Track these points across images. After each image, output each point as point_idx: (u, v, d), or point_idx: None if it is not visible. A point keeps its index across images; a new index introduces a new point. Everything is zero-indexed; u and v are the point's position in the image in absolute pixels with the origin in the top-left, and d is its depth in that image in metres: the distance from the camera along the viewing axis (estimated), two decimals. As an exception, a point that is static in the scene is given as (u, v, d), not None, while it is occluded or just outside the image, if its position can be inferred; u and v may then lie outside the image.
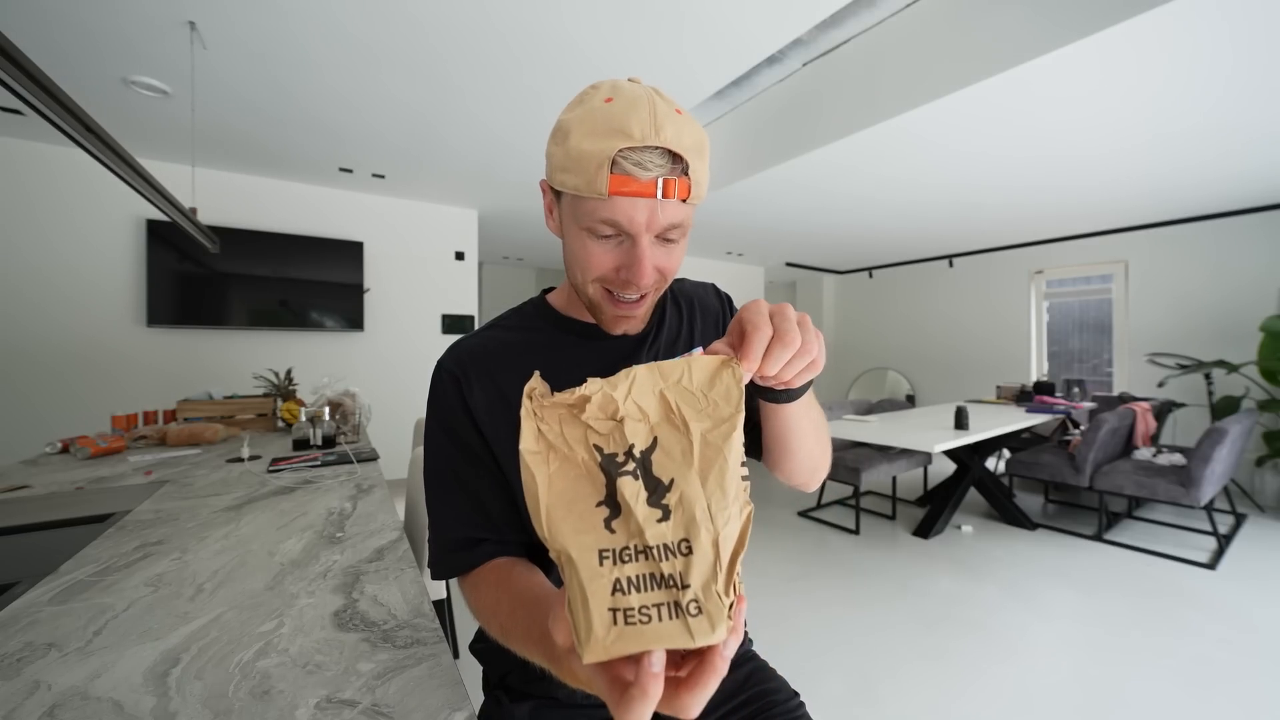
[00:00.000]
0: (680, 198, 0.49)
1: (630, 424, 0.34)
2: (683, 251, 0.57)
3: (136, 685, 0.54)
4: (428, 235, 4.23)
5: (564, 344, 0.63)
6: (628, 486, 0.32)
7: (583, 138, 0.48)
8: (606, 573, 0.30)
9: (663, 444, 0.34)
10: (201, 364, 3.39)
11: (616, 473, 0.33)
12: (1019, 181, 3.52)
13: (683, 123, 0.49)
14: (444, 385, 0.61)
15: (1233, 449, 2.88)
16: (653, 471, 0.33)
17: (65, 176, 3.02)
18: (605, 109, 0.48)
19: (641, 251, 0.51)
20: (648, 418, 0.35)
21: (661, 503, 0.32)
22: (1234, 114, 2.51)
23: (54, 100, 0.86)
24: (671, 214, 0.50)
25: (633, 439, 0.34)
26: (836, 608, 2.26)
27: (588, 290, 0.56)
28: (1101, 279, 5.00)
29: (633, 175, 0.47)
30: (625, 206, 0.48)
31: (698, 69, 2.28)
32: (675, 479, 0.33)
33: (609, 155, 0.47)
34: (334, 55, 2.12)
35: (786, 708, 0.68)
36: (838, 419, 3.48)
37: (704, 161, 0.52)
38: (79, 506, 1.16)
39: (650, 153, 0.47)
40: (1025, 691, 1.70)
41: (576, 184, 0.49)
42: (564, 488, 0.33)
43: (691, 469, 0.33)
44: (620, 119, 0.47)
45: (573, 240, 0.54)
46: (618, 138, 0.47)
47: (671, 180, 0.48)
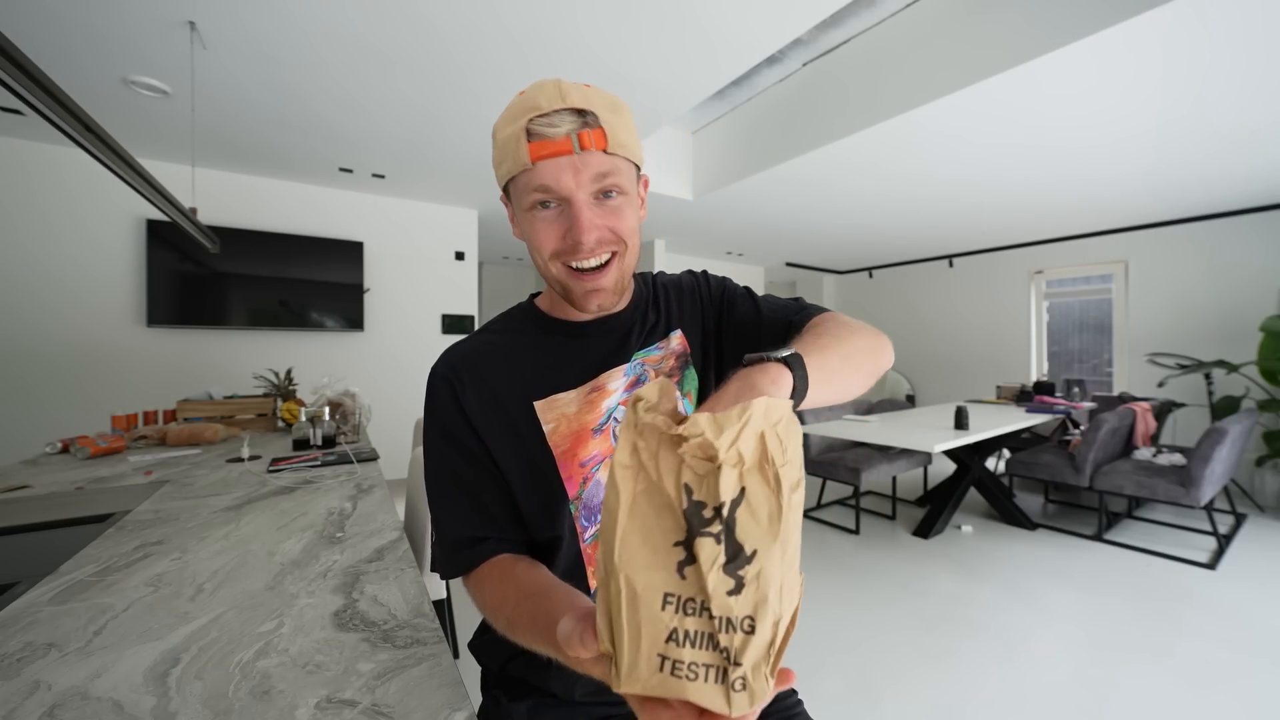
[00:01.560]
0: (598, 147, 0.52)
1: (726, 472, 0.31)
2: (634, 213, 0.58)
3: (136, 685, 0.54)
4: (428, 235, 4.23)
5: (550, 344, 0.64)
6: (706, 549, 0.30)
7: (502, 127, 0.54)
8: (668, 619, 0.30)
9: (750, 499, 0.31)
10: (201, 364, 3.39)
11: (699, 529, 0.30)
12: (1019, 181, 3.52)
13: (592, 91, 0.54)
14: (439, 390, 0.62)
15: (1233, 449, 2.88)
16: (736, 534, 0.30)
17: (65, 176, 3.02)
18: (517, 99, 0.54)
19: (578, 209, 0.53)
20: (743, 462, 0.31)
21: (738, 573, 0.30)
22: (1234, 113, 2.52)
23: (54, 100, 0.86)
24: (596, 164, 0.53)
25: (724, 494, 0.31)
26: (836, 608, 2.26)
27: (552, 272, 0.57)
28: (1101, 279, 5.00)
29: (546, 136, 0.51)
30: (549, 168, 0.52)
31: (698, 69, 2.28)
32: (759, 550, 0.30)
33: (522, 127, 0.51)
34: (334, 55, 2.12)
35: (784, 706, 0.68)
36: (837, 419, 3.48)
37: (621, 118, 0.54)
38: (79, 506, 1.16)
39: (558, 114, 0.51)
40: (1025, 691, 1.70)
41: (509, 167, 0.53)
42: (646, 515, 0.31)
43: (776, 540, 0.31)
44: (528, 99, 0.52)
45: (525, 229, 0.57)
46: (528, 113, 0.51)
47: (585, 132, 0.52)
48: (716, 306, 0.71)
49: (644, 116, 2.71)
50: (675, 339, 0.68)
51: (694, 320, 0.70)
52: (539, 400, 0.61)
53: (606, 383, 0.63)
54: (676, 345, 0.68)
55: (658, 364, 0.66)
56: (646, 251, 5.54)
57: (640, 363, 0.65)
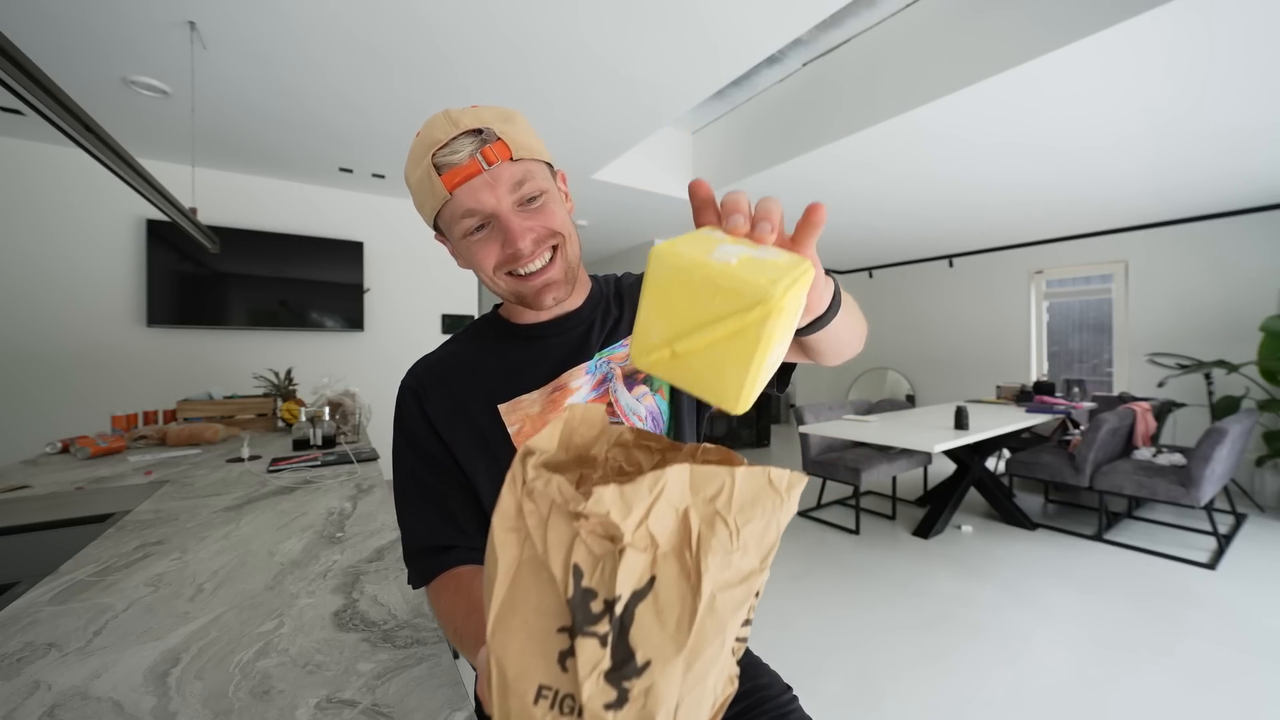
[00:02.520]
0: (504, 158, 0.54)
1: (631, 556, 0.24)
2: (560, 207, 0.60)
3: (136, 685, 0.54)
4: (428, 235, 4.19)
5: (512, 347, 0.66)
6: (586, 651, 0.24)
7: (411, 171, 0.56)
8: (540, 714, 0.24)
9: (659, 594, 0.24)
10: (201, 364, 3.39)
11: (582, 625, 0.24)
12: (1019, 181, 3.52)
13: (481, 110, 0.56)
14: (406, 402, 0.65)
15: (1233, 449, 2.88)
16: (629, 638, 0.24)
17: (65, 176, 3.02)
18: (416, 142, 0.56)
19: (506, 220, 0.55)
20: (655, 546, 0.25)
21: (622, 684, 0.24)
22: (1234, 113, 2.51)
23: (54, 100, 0.86)
24: (508, 175, 0.54)
25: (623, 584, 0.24)
26: (836, 608, 2.26)
27: (501, 286, 0.59)
28: (1101, 279, 4.99)
29: (453, 164, 0.53)
30: (466, 192, 0.54)
31: (698, 69, 2.28)
32: (653, 662, 0.24)
33: (429, 164, 0.53)
34: (334, 55, 2.12)
35: (779, 703, 0.68)
36: (837, 419, 3.48)
37: (515, 125, 0.56)
38: (79, 506, 1.16)
39: (456, 141, 0.53)
40: (1025, 691, 1.70)
41: (431, 204, 0.55)
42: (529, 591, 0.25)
43: (680, 652, 0.24)
44: (425, 137, 0.55)
45: (466, 256, 0.59)
46: (429, 149, 0.54)
47: (487, 148, 0.53)
48: None
49: (644, 116, 2.71)
50: None
51: None
52: (503, 403, 0.62)
53: (569, 381, 0.64)
54: None
55: (623, 360, 0.67)
56: (646, 252, 5.53)
57: (605, 360, 0.66)
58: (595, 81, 2.35)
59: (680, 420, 0.68)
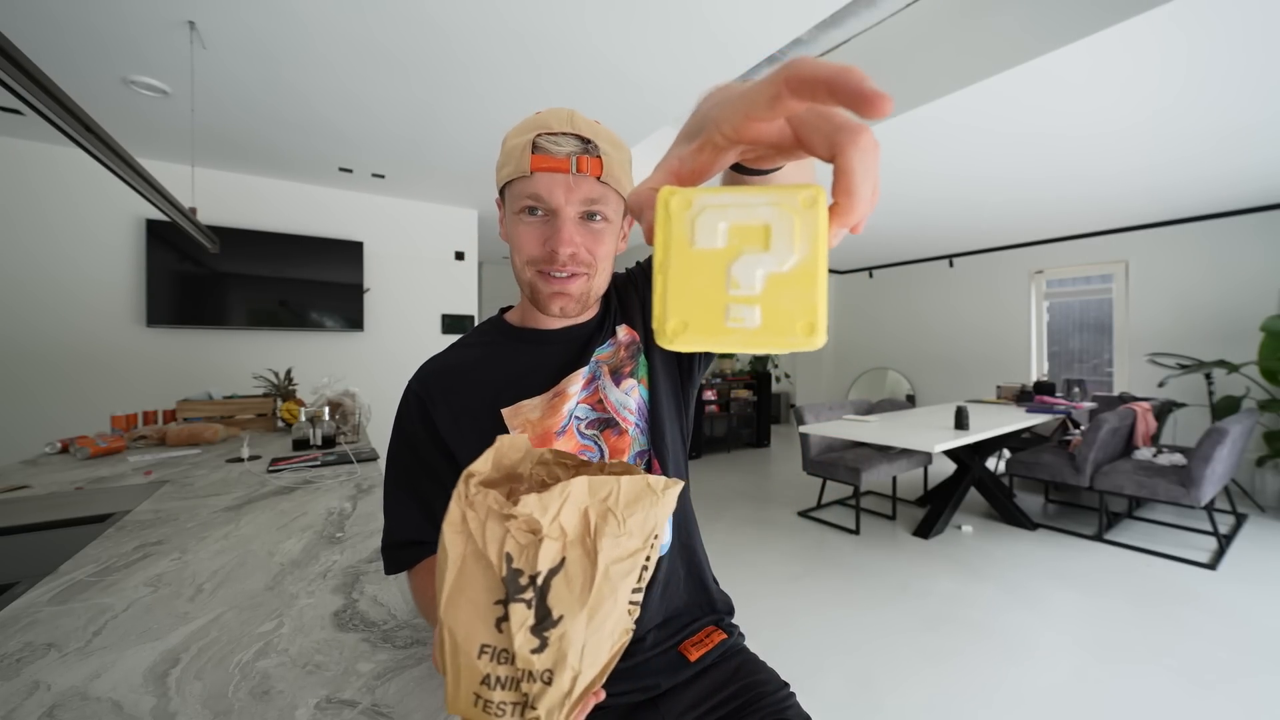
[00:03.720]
0: (593, 174, 0.58)
1: (547, 544, 0.34)
2: (613, 240, 0.64)
3: (136, 685, 0.54)
4: (428, 235, 4.23)
5: (516, 354, 0.69)
6: (517, 613, 0.34)
7: (512, 136, 0.60)
8: (483, 666, 0.35)
9: (568, 569, 0.35)
10: (201, 364, 3.39)
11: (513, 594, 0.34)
12: (1020, 180, 3.52)
13: (598, 126, 0.60)
14: (410, 405, 0.68)
15: (1233, 449, 2.88)
16: (547, 601, 0.34)
17: (65, 176, 3.02)
18: (532, 117, 0.60)
19: (561, 222, 0.59)
20: (565, 535, 0.35)
21: (543, 634, 0.34)
22: (1246, 113, 2.51)
23: (54, 100, 0.86)
24: (587, 189, 0.58)
25: (542, 563, 0.34)
26: (836, 608, 2.26)
27: (525, 275, 0.62)
28: (1101, 279, 4.99)
29: (549, 152, 0.57)
30: (544, 180, 0.58)
31: (700, 69, 2.28)
32: (564, 615, 0.34)
33: (530, 140, 0.57)
34: (334, 54, 2.12)
35: (775, 699, 0.68)
36: (838, 419, 3.48)
37: (620, 154, 0.61)
38: (79, 506, 1.16)
39: (565, 136, 0.58)
40: (1025, 691, 1.69)
41: (510, 171, 0.59)
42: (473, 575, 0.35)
43: (584, 607, 0.34)
44: (541, 118, 0.59)
45: (511, 231, 0.62)
46: (538, 129, 0.58)
47: (584, 157, 0.57)
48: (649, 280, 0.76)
49: (646, 116, 2.71)
50: (621, 331, 0.72)
51: (635, 309, 0.74)
52: (506, 408, 0.65)
53: (567, 387, 0.66)
54: (624, 336, 0.72)
55: (610, 359, 0.70)
56: (646, 252, 5.54)
57: (595, 360, 0.69)
58: (599, 81, 2.35)
59: (659, 407, 0.70)
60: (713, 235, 0.23)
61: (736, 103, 0.25)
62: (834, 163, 0.23)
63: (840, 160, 0.23)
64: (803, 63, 0.22)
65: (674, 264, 0.24)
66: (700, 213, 0.24)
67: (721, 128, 0.25)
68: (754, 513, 3.58)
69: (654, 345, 0.72)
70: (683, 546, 0.72)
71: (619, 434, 0.68)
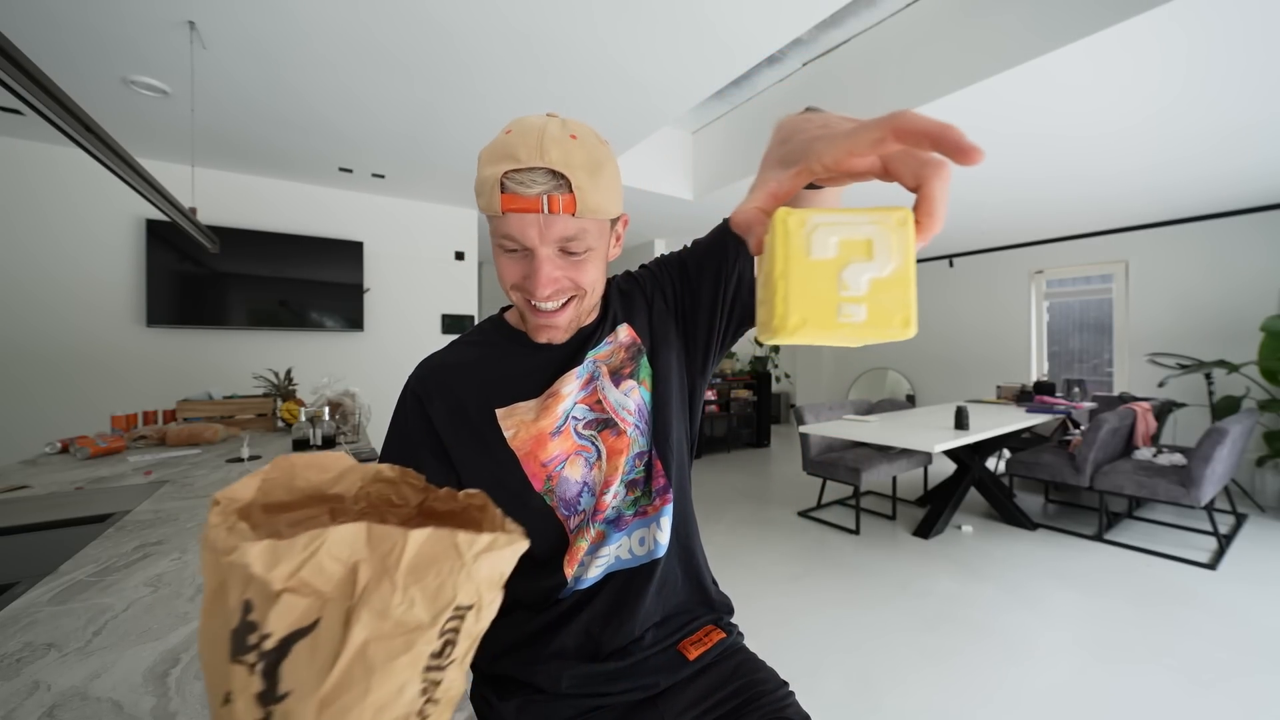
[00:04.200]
0: (566, 211, 0.54)
1: (288, 599, 0.26)
2: (598, 267, 0.62)
3: (136, 685, 0.54)
4: (428, 235, 4.23)
5: (514, 354, 0.68)
6: (238, 676, 0.26)
7: (483, 165, 0.56)
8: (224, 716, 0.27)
9: (319, 634, 0.27)
10: (201, 364, 3.39)
11: (238, 653, 0.26)
12: (1020, 181, 3.52)
13: (574, 146, 0.55)
14: (407, 402, 0.68)
15: (1233, 449, 2.88)
16: (279, 668, 0.26)
17: (65, 176, 3.02)
18: (503, 139, 0.55)
19: (539, 263, 0.57)
20: (320, 593, 0.27)
21: (268, 707, 0.26)
22: (1246, 113, 2.51)
23: (54, 100, 0.86)
24: (560, 228, 0.55)
25: (275, 624, 0.26)
26: (836, 607, 2.26)
27: (514, 298, 0.62)
28: (1101, 279, 4.99)
29: (518, 193, 0.54)
30: (515, 222, 0.55)
31: (698, 69, 2.28)
32: (291, 693, 0.26)
33: (498, 177, 0.54)
34: (334, 54, 2.12)
35: (774, 698, 0.68)
36: (837, 419, 3.48)
37: (597, 178, 0.56)
38: (79, 506, 1.16)
39: (533, 173, 0.53)
40: (1025, 691, 1.69)
41: (483, 204, 0.56)
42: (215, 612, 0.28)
43: (316, 690, 0.26)
44: (510, 146, 0.54)
45: (494, 254, 0.60)
46: (506, 162, 0.54)
47: (556, 196, 0.54)
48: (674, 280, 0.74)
49: (645, 116, 2.71)
50: (623, 331, 0.71)
51: (640, 311, 0.73)
52: (500, 408, 0.65)
53: (560, 387, 0.66)
54: (624, 337, 0.71)
55: (608, 359, 0.69)
56: (646, 252, 5.54)
57: (592, 360, 0.68)
58: (601, 81, 2.35)
59: (664, 410, 0.69)
60: (825, 248, 0.29)
61: (841, 140, 0.30)
62: (919, 191, 0.29)
63: (925, 189, 0.28)
64: (909, 116, 0.28)
65: (794, 272, 0.29)
66: (814, 230, 0.29)
67: (823, 159, 0.31)
68: (754, 513, 3.58)
69: (663, 347, 0.72)
70: (681, 547, 0.72)
71: (617, 434, 0.67)
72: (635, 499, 0.69)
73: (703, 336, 0.72)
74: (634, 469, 0.68)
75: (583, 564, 0.65)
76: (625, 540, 0.68)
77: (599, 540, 0.66)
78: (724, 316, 0.71)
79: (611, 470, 0.66)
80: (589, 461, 0.66)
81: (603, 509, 0.66)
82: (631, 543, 0.68)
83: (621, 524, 0.67)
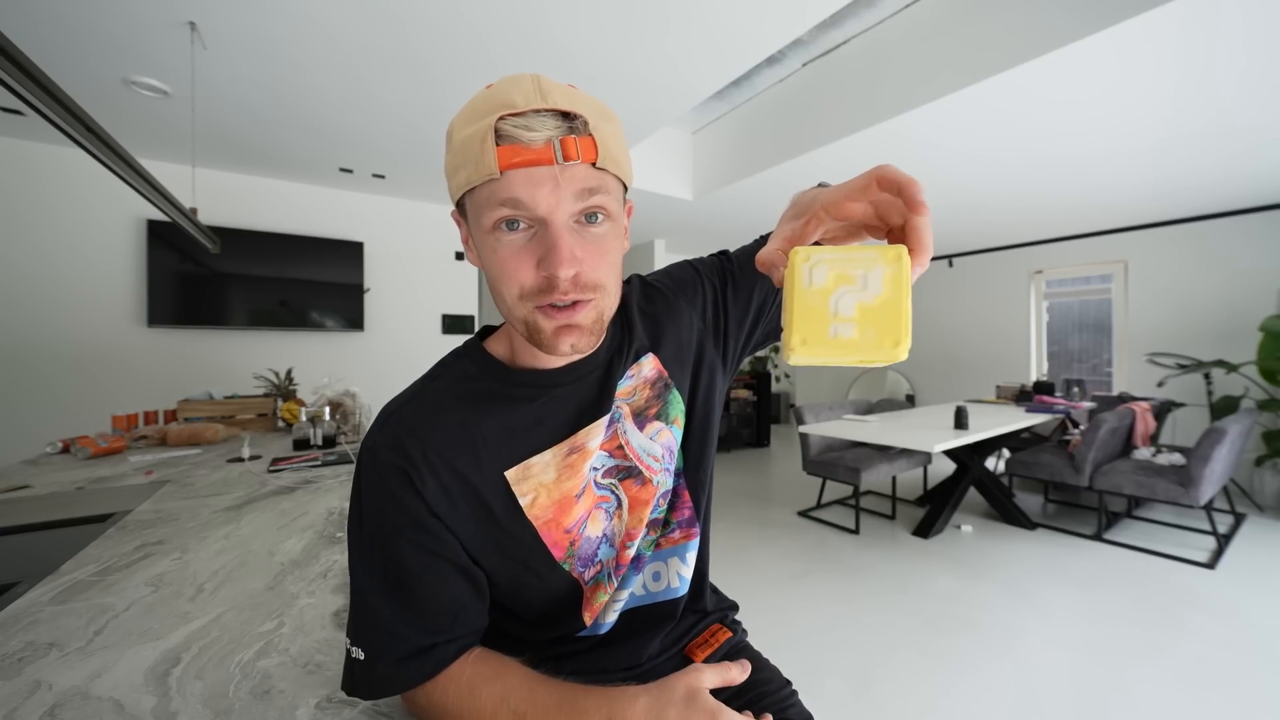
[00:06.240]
0: (586, 159, 0.43)
1: None
2: (619, 243, 0.49)
3: (137, 685, 0.54)
4: (428, 235, 4.24)
5: (514, 400, 0.53)
6: None
7: (461, 126, 0.44)
8: None
9: None
10: (202, 364, 3.40)
11: None
12: (1020, 182, 3.52)
13: (577, 94, 0.45)
14: (389, 481, 0.48)
15: (1232, 449, 2.88)
16: None
17: (66, 177, 3.02)
18: (483, 94, 0.44)
19: (557, 234, 0.43)
20: None
21: None
22: (1246, 113, 2.51)
23: (54, 100, 0.87)
24: (581, 179, 0.43)
25: None
26: (837, 606, 2.26)
27: (519, 313, 0.46)
28: (1101, 279, 5.00)
29: (520, 141, 0.41)
30: (522, 181, 0.42)
31: (698, 69, 2.28)
32: None
33: (489, 126, 0.41)
34: (335, 55, 2.12)
35: (778, 697, 0.67)
36: (837, 419, 3.48)
37: (612, 126, 0.46)
38: (79, 506, 1.16)
39: (537, 115, 0.42)
40: (1024, 690, 1.70)
41: (467, 175, 0.43)
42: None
43: None
44: (500, 95, 0.43)
45: (487, 255, 0.46)
46: (498, 110, 0.42)
47: (571, 139, 0.42)
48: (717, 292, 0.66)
49: (645, 116, 2.71)
50: (648, 364, 0.59)
51: (673, 337, 0.62)
52: (510, 470, 0.51)
53: (586, 441, 0.54)
54: (650, 372, 0.59)
55: (630, 396, 0.58)
56: (646, 252, 5.54)
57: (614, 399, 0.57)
58: (598, 81, 2.35)
59: (695, 450, 0.62)
60: (821, 278, 0.35)
61: (837, 190, 0.38)
62: (905, 225, 0.36)
63: (912, 223, 0.35)
64: (888, 168, 0.36)
65: (797, 299, 0.35)
66: (815, 264, 0.35)
67: (826, 207, 0.38)
68: (754, 512, 3.58)
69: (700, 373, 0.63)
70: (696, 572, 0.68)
71: (641, 484, 0.58)
72: (655, 538, 0.62)
73: (735, 350, 0.67)
74: (659, 508, 0.60)
75: (602, 612, 0.58)
76: (639, 578, 0.61)
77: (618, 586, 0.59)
78: (760, 330, 0.68)
79: (635, 523, 0.58)
80: (609, 512, 0.57)
81: (624, 562, 0.58)
82: (645, 578, 0.62)
83: (640, 564, 0.60)
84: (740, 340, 0.67)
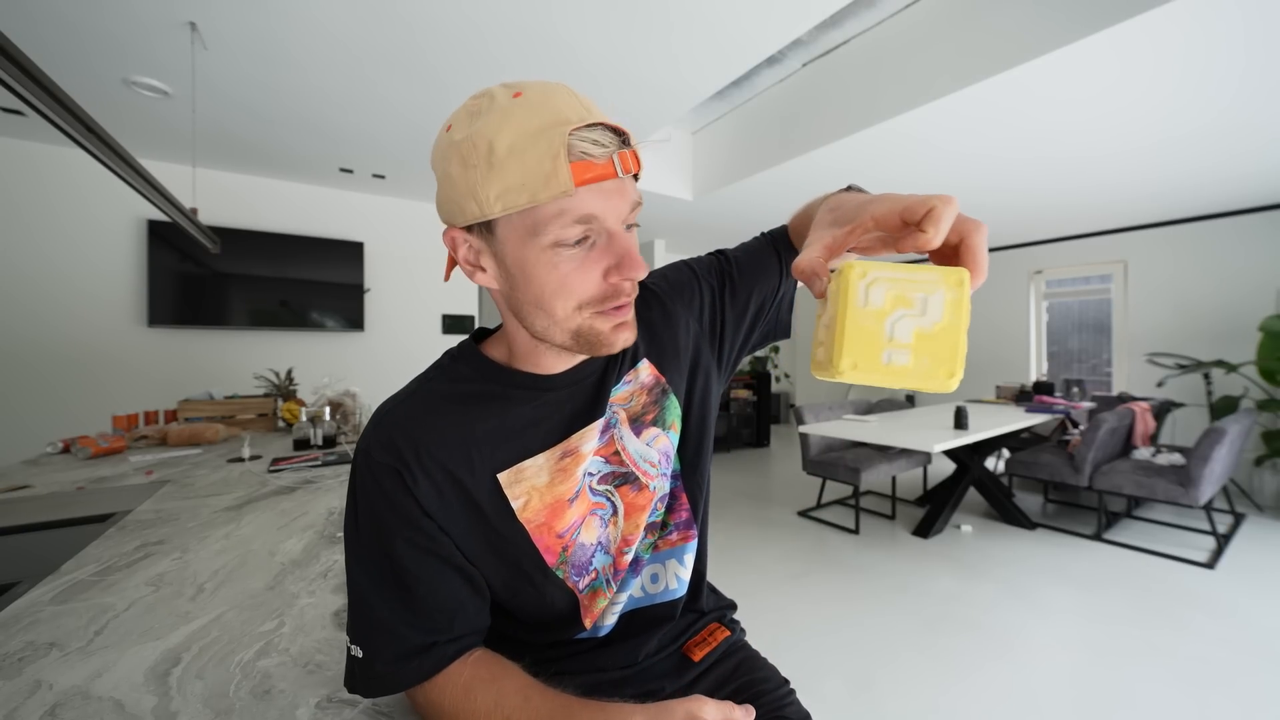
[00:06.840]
0: (635, 172, 0.46)
1: None
2: None
3: (138, 684, 0.54)
4: (428, 235, 4.24)
5: (509, 402, 0.53)
6: None
7: (517, 138, 0.41)
8: None
9: None
10: (202, 364, 3.40)
11: None
12: (1020, 182, 3.52)
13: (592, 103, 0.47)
14: (384, 482, 0.48)
15: (1231, 449, 2.88)
16: None
17: (66, 177, 3.02)
18: (522, 104, 0.42)
19: (627, 242, 0.46)
20: None
21: None
22: (1245, 114, 2.51)
23: (55, 100, 0.87)
24: (633, 190, 0.47)
25: None
26: (836, 606, 2.26)
27: (573, 323, 0.47)
28: (1101, 279, 5.00)
29: (592, 156, 0.42)
30: (596, 196, 0.43)
31: (699, 69, 2.28)
32: None
33: (561, 143, 0.40)
34: (335, 56, 2.12)
35: (775, 696, 0.67)
36: (837, 419, 3.48)
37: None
38: (80, 506, 1.16)
39: (595, 129, 0.42)
40: (1024, 690, 1.70)
41: (533, 194, 0.41)
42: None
43: None
44: (548, 108, 0.42)
45: (539, 271, 0.45)
46: (559, 125, 0.41)
47: (624, 153, 0.44)
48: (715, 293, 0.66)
49: (646, 116, 2.71)
50: (644, 370, 0.59)
51: (669, 341, 0.62)
52: (503, 472, 0.51)
53: (580, 445, 0.54)
54: (646, 378, 0.60)
55: (626, 402, 0.58)
56: (646, 252, 5.54)
57: (609, 405, 0.57)
58: (601, 81, 2.35)
59: (691, 453, 0.63)
60: (877, 299, 0.33)
61: (894, 204, 0.37)
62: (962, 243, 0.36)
63: (968, 242, 0.35)
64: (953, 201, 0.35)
65: (849, 319, 0.33)
66: (872, 282, 0.33)
67: (879, 219, 0.37)
68: (754, 512, 3.58)
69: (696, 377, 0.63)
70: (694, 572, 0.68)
71: (638, 489, 0.58)
72: (653, 541, 0.62)
73: (731, 352, 0.67)
74: (656, 512, 0.60)
75: (602, 615, 0.58)
76: (637, 580, 0.61)
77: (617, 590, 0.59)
78: (758, 332, 0.68)
79: (632, 528, 0.58)
80: (604, 519, 0.57)
81: (622, 568, 0.58)
82: (644, 580, 0.62)
83: (638, 567, 0.60)
84: (737, 343, 0.67)
